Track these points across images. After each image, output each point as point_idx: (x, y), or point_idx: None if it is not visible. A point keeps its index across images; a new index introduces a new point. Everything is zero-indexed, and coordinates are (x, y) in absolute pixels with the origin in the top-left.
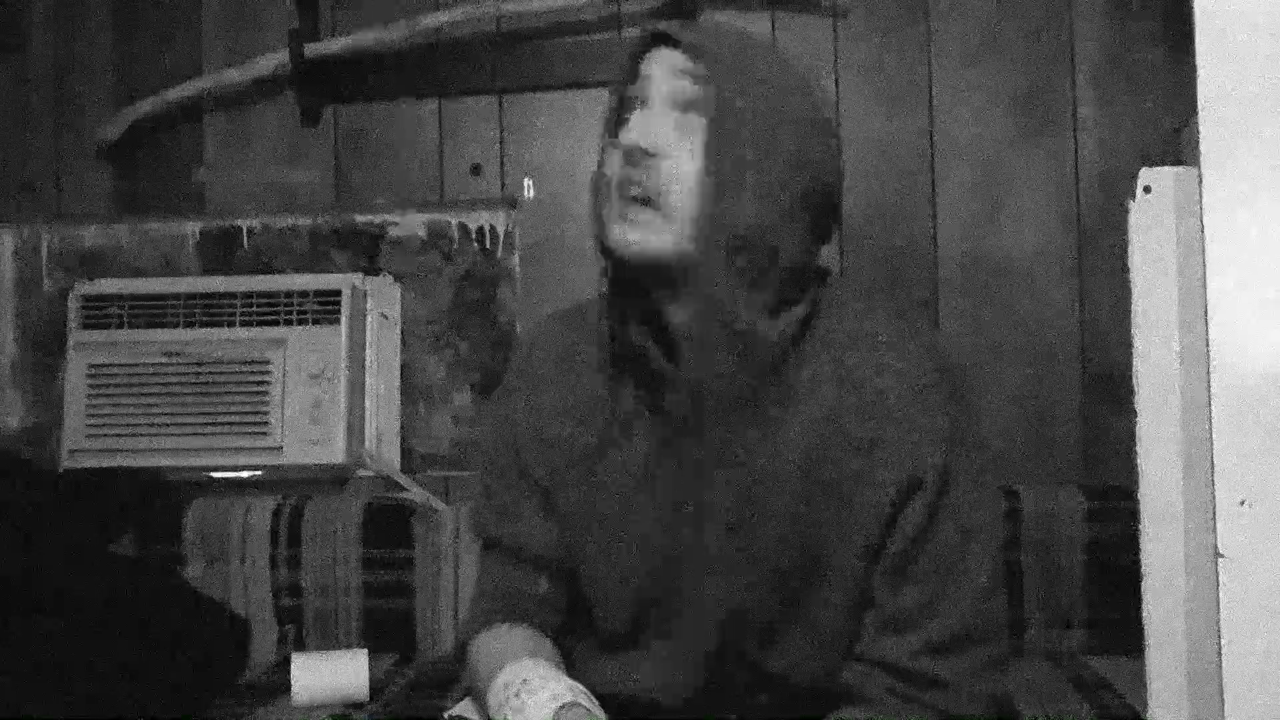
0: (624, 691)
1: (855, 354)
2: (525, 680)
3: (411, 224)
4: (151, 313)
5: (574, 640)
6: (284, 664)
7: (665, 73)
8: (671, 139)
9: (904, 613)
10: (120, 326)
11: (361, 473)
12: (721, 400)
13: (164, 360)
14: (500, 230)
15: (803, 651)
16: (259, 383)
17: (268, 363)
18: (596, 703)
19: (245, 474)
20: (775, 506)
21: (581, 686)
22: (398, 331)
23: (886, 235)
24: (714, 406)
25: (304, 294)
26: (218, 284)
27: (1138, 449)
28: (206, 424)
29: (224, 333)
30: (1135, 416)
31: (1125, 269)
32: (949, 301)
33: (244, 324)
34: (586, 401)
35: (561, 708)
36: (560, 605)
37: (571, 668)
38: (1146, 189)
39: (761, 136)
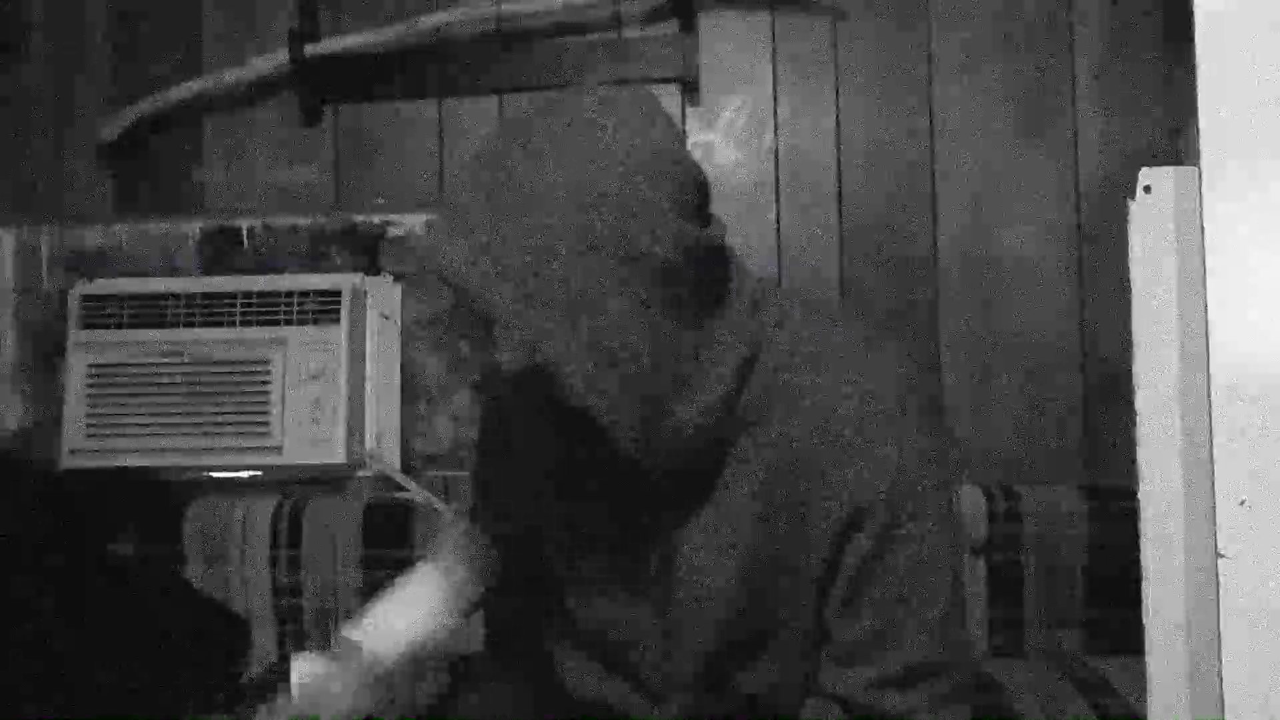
0: (602, 700)
1: (808, 375)
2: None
3: (411, 224)
4: (151, 313)
5: (550, 636)
6: (284, 664)
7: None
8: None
9: (856, 645)
10: (120, 326)
11: (361, 473)
12: (669, 470)
13: (164, 360)
14: None
15: (775, 676)
16: (259, 383)
17: (268, 363)
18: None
19: (245, 474)
20: (736, 532)
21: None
22: (398, 331)
23: (886, 236)
24: (660, 479)
25: (304, 294)
26: (218, 284)
27: (1138, 449)
28: (206, 424)
29: (224, 332)
30: (1135, 416)
31: (1125, 269)
32: (949, 301)
33: (244, 324)
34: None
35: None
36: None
37: (554, 666)
38: (1146, 189)
39: (570, 252)
